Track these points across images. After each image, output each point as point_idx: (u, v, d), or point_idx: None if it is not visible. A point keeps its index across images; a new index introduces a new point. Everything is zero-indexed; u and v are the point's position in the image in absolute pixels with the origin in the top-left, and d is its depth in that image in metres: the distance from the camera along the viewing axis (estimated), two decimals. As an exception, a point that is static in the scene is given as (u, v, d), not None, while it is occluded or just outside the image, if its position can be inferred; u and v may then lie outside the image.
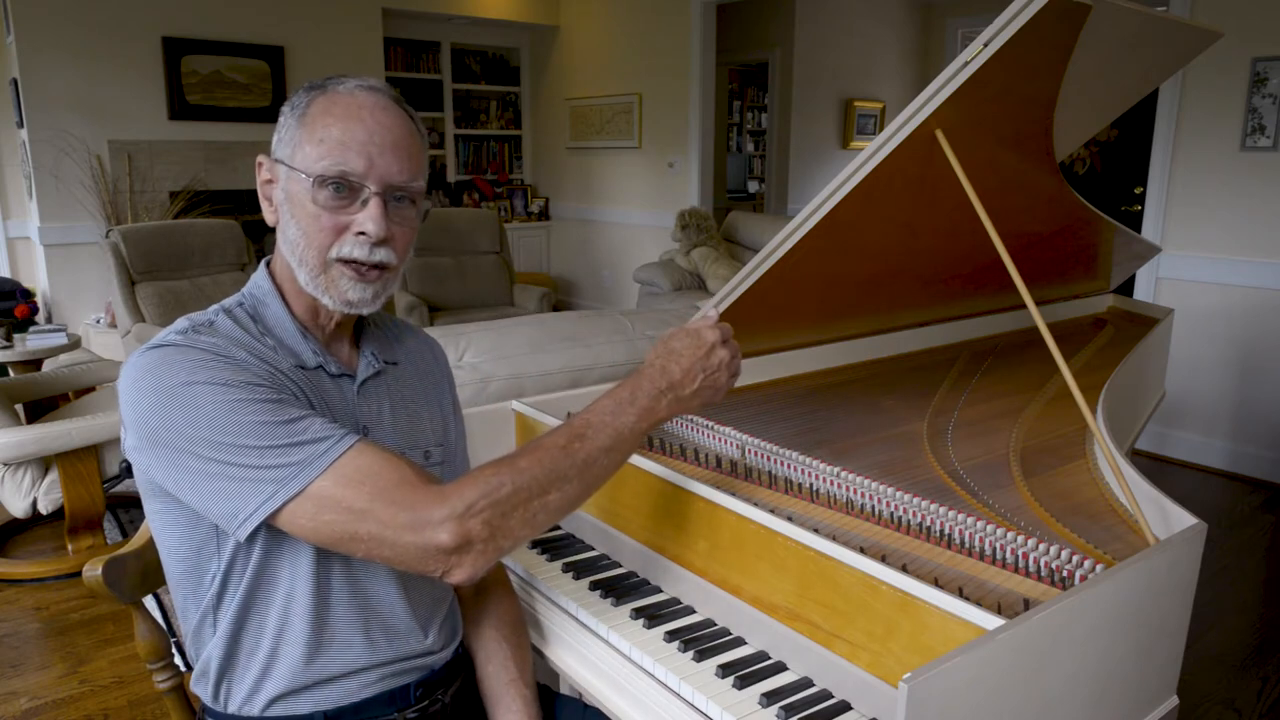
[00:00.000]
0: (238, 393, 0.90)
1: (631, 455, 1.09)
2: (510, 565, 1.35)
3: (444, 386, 1.21)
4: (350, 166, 0.97)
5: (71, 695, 2.26)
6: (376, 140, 0.98)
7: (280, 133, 1.00)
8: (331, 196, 0.97)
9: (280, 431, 0.90)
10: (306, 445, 0.90)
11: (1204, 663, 2.45)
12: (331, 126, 0.97)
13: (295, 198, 0.98)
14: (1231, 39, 3.55)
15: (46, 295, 5.17)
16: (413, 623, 1.08)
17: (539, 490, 0.95)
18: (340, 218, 0.98)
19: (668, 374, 1.06)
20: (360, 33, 6.02)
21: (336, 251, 0.99)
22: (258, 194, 1.04)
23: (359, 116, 0.98)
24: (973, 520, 1.12)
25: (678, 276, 5.46)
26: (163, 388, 0.89)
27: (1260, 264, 3.68)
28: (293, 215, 0.99)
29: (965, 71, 1.28)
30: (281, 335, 1.02)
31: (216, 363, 0.91)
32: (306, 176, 0.97)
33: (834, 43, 6.88)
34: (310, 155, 0.96)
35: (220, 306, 1.02)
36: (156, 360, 0.91)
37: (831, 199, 1.42)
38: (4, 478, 2.80)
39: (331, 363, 1.04)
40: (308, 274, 1.00)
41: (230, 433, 0.88)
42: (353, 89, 0.99)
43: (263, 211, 1.04)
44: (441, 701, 1.12)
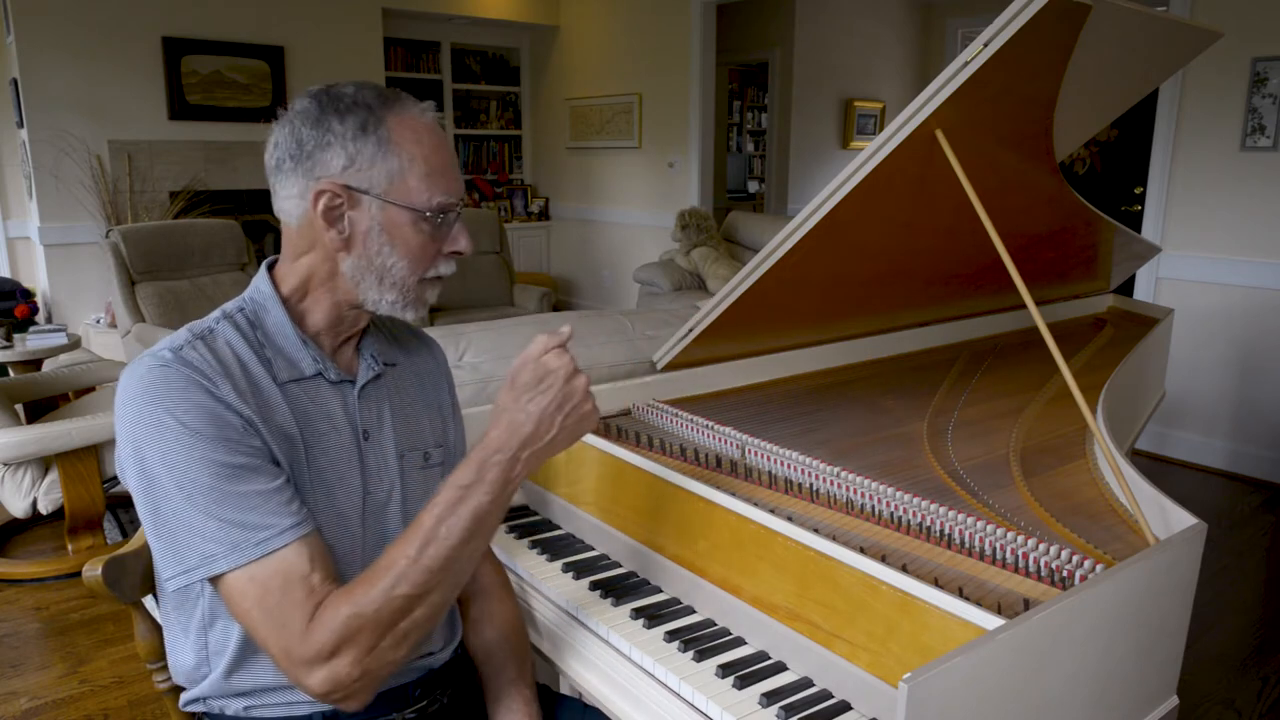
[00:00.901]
0: (202, 448, 0.89)
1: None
2: (510, 565, 1.35)
3: (443, 387, 1.21)
4: (457, 196, 1.01)
5: (71, 695, 2.26)
6: (455, 163, 1.02)
7: (352, 158, 0.96)
8: (438, 226, 1.00)
9: (229, 501, 0.90)
10: (241, 529, 0.90)
11: (1204, 663, 2.45)
12: (431, 157, 0.98)
13: (398, 229, 0.99)
14: (1231, 39, 3.55)
15: (46, 295, 5.17)
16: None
17: (402, 612, 0.91)
18: (439, 241, 1.02)
19: (517, 431, 0.96)
20: (360, 33, 6.02)
21: (433, 271, 1.03)
22: (316, 219, 0.98)
23: (442, 143, 1.00)
24: (973, 520, 1.12)
25: (678, 276, 5.46)
26: (145, 412, 0.90)
27: (1260, 264, 3.68)
28: (391, 244, 0.99)
29: (965, 71, 1.28)
30: (280, 343, 1.01)
31: (195, 397, 0.91)
32: (420, 210, 0.98)
33: (834, 43, 6.87)
34: (418, 188, 0.98)
35: (223, 312, 1.02)
36: (146, 381, 0.91)
37: (831, 199, 1.42)
38: (4, 478, 2.80)
39: (331, 369, 1.04)
40: (398, 294, 1.01)
41: (187, 483, 0.89)
42: (423, 112, 1.01)
43: (321, 238, 0.99)
44: (441, 702, 1.12)
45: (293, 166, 0.98)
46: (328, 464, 1.01)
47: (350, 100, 0.97)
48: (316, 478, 1.00)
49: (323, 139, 0.96)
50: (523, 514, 1.52)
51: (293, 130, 0.98)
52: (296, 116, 0.98)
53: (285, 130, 0.98)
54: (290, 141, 0.98)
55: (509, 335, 1.98)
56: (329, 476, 1.01)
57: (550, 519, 1.50)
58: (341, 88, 0.99)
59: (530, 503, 1.55)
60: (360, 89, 0.99)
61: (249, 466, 0.92)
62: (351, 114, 0.97)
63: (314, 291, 1.03)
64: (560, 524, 1.47)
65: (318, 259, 1.01)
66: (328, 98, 0.98)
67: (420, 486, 1.11)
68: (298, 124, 0.98)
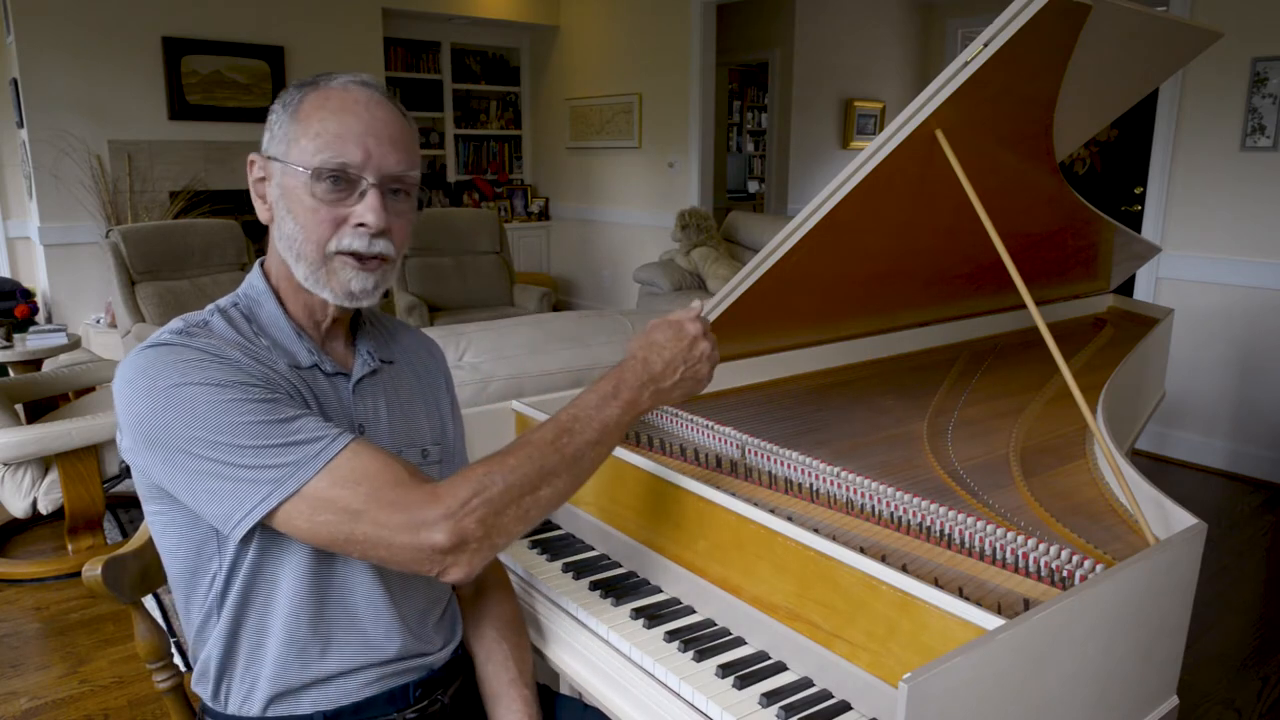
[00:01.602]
0: (232, 392, 0.90)
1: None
2: (510, 565, 1.35)
3: (441, 385, 1.20)
4: (348, 158, 0.97)
5: (71, 695, 2.26)
6: (373, 132, 0.98)
7: (272, 130, 1.00)
8: (330, 189, 0.97)
9: (275, 431, 0.90)
10: (302, 445, 0.90)
11: (1204, 663, 2.45)
12: (327, 120, 0.97)
13: (292, 192, 0.98)
14: (1231, 39, 3.55)
15: (46, 295, 5.17)
16: (412, 622, 1.08)
17: (530, 486, 0.95)
18: (339, 210, 0.98)
19: (649, 367, 1.07)
20: (360, 33, 6.02)
21: (336, 244, 0.99)
22: (250, 193, 1.04)
23: (354, 110, 0.98)
24: (973, 520, 1.12)
25: (678, 276, 5.46)
26: (157, 388, 0.89)
27: (1260, 264, 3.68)
28: (289, 210, 0.99)
29: (965, 71, 1.28)
30: (276, 335, 1.02)
31: (210, 363, 0.92)
32: (304, 170, 0.97)
33: (834, 43, 6.88)
34: (307, 149, 0.97)
35: (215, 306, 1.02)
36: (150, 360, 0.91)
37: (831, 199, 1.42)
38: (4, 478, 2.80)
39: (327, 362, 1.04)
40: (307, 268, 1.00)
41: (225, 432, 0.88)
42: (345, 84, 1.00)
43: (256, 211, 1.03)
44: (441, 701, 1.12)
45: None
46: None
47: (295, 85, 1.01)
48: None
49: (268, 120, 1.02)
50: (523, 514, 1.52)
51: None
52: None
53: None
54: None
55: (509, 335, 1.98)
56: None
57: (550, 519, 1.50)
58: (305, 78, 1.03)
59: (530, 503, 1.55)
60: (316, 75, 1.01)
61: (282, 400, 0.93)
62: (287, 93, 1.01)
63: (285, 278, 1.04)
64: (560, 524, 1.47)
65: (273, 238, 1.03)
66: (288, 89, 1.02)
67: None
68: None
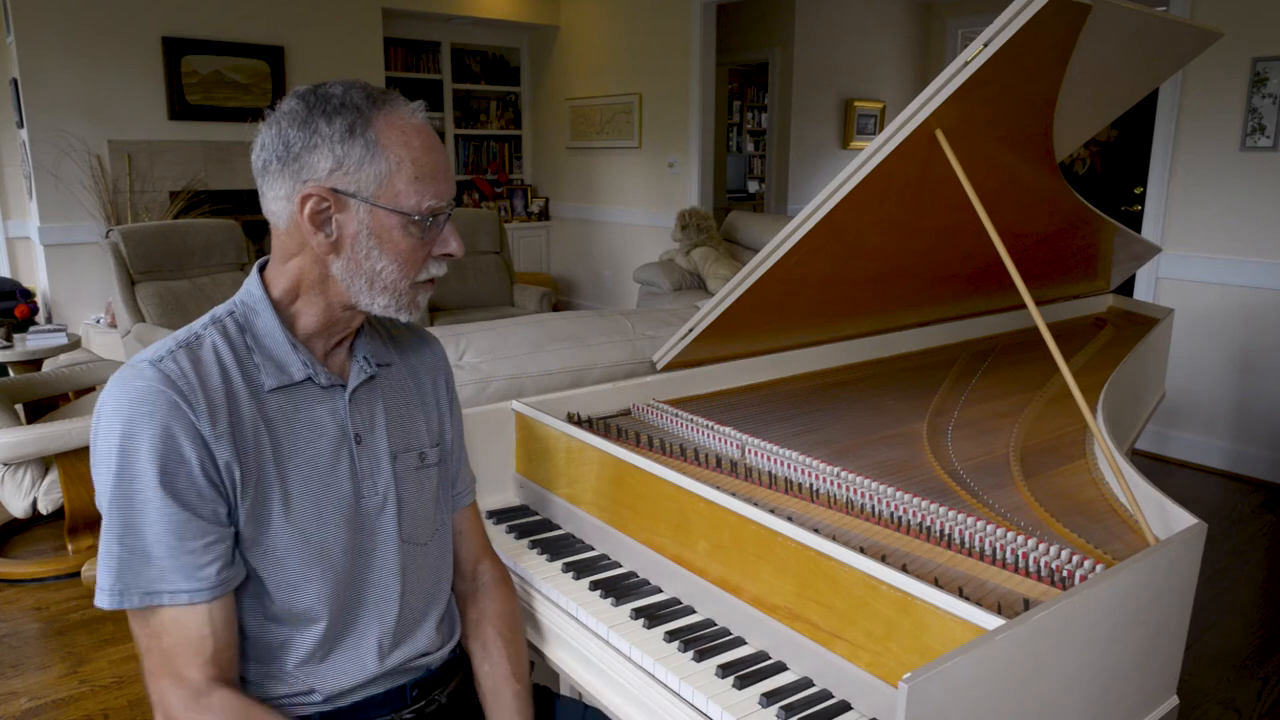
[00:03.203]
0: (157, 486, 0.90)
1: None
2: (510, 565, 1.35)
3: (441, 384, 1.20)
4: (448, 199, 1.00)
5: (71, 695, 2.26)
6: (445, 164, 1.01)
7: (336, 161, 0.95)
8: (429, 228, 0.99)
9: (174, 541, 0.91)
10: (166, 576, 0.91)
11: (1204, 663, 2.45)
12: (421, 160, 0.97)
13: (387, 232, 0.97)
14: (1231, 39, 3.55)
15: (46, 295, 5.17)
16: (410, 625, 1.09)
17: None
18: (429, 244, 1.01)
19: None
20: (360, 33, 6.02)
21: (425, 274, 1.02)
22: (303, 223, 0.96)
23: (432, 144, 0.99)
24: (973, 520, 1.12)
25: (678, 276, 5.46)
26: (112, 427, 0.91)
27: (1260, 264, 3.68)
28: (379, 248, 0.98)
29: (965, 71, 1.28)
30: (270, 347, 1.00)
31: (163, 421, 0.91)
32: (409, 214, 0.97)
33: (834, 43, 6.87)
34: (407, 192, 0.96)
35: (211, 317, 1.01)
36: (122, 390, 0.92)
37: (831, 199, 1.42)
38: (4, 478, 2.80)
39: (321, 373, 1.02)
40: (391, 298, 1.00)
41: (132, 514, 0.91)
42: (411, 113, 0.99)
43: (311, 241, 0.98)
44: (438, 702, 1.12)
45: (280, 168, 0.96)
46: (312, 472, 1.00)
47: (339, 101, 0.95)
48: (300, 487, 0.99)
49: (310, 141, 0.95)
50: (523, 514, 1.52)
51: (279, 131, 0.96)
52: (284, 117, 0.96)
53: (272, 131, 0.97)
54: (277, 143, 0.96)
55: (509, 335, 1.97)
56: (313, 484, 1.00)
57: (550, 519, 1.50)
58: (330, 88, 0.97)
59: (530, 503, 1.55)
60: (349, 89, 0.97)
61: (181, 517, 0.91)
62: (339, 115, 0.95)
63: (306, 294, 1.01)
64: (560, 524, 1.47)
65: (307, 261, 1.00)
66: (315, 98, 0.96)
67: (416, 487, 1.11)
68: (284, 125, 0.96)
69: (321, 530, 1.00)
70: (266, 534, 0.97)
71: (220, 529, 0.94)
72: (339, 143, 0.95)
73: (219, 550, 0.94)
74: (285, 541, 0.98)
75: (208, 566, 0.93)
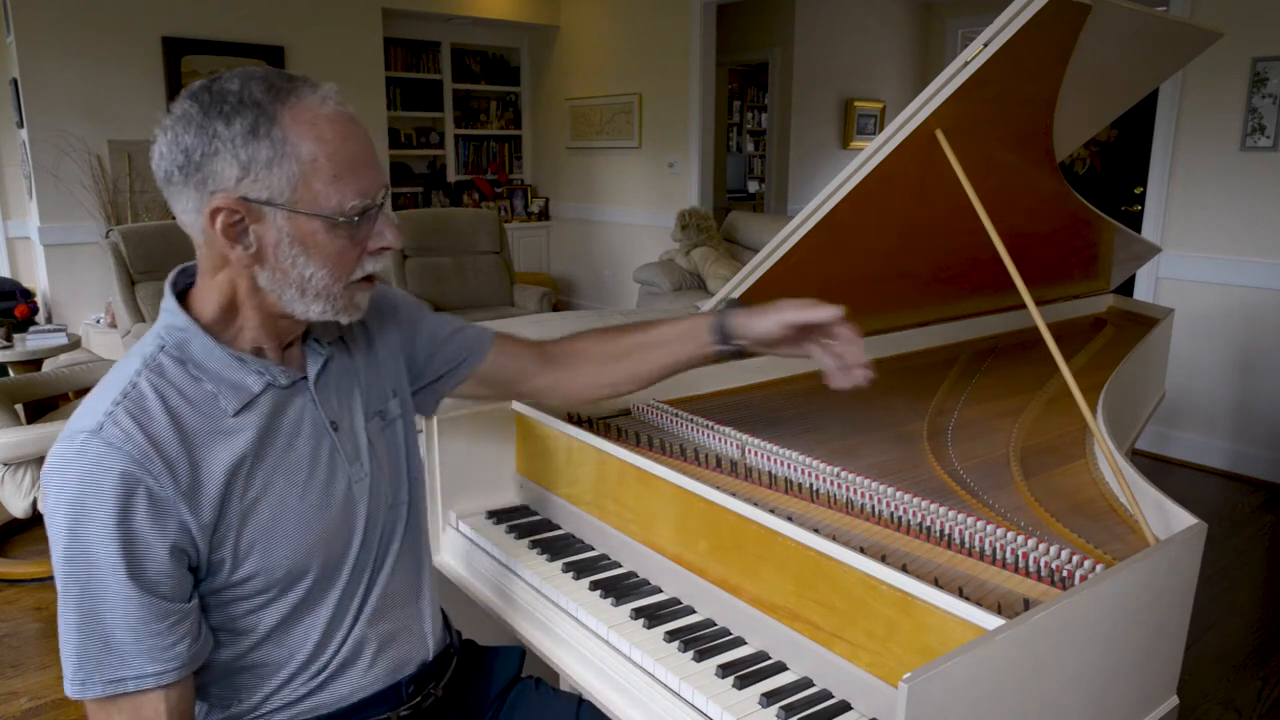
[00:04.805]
0: (118, 571, 0.84)
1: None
2: (510, 565, 1.35)
3: (390, 324, 1.14)
4: (373, 194, 0.92)
5: (71, 695, 2.26)
6: (367, 154, 0.92)
7: (242, 167, 0.86)
8: (357, 227, 0.92)
9: (138, 626, 0.86)
10: (126, 661, 0.86)
11: (1204, 663, 2.45)
12: (337, 155, 0.88)
13: (310, 237, 0.90)
14: (1231, 39, 3.55)
15: (46, 295, 5.17)
16: (403, 627, 1.09)
17: None
18: (361, 242, 0.94)
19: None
20: (360, 33, 6.02)
21: (359, 272, 0.95)
22: (217, 238, 0.89)
23: (349, 134, 0.90)
24: (973, 520, 1.12)
25: (678, 276, 5.46)
26: (61, 519, 0.84)
27: (1260, 264, 3.68)
28: (305, 255, 0.90)
29: (965, 71, 1.28)
30: (217, 368, 0.93)
31: (123, 498, 0.84)
32: (331, 217, 0.89)
33: (834, 43, 6.87)
34: (326, 193, 0.88)
35: (143, 360, 0.91)
36: (64, 463, 0.85)
37: (831, 199, 1.42)
38: (4, 478, 2.80)
39: (281, 374, 0.97)
40: (325, 303, 0.93)
41: (91, 601, 0.85)
42: (321, 100, 0.89)
43: (228, 256, 0.90)
44: (434, 695, 1.12)
45: (183, 179, 0.88)
46: (298, 476, 0.97)
47: (236, 98, 0.86)
48: (288, 496, 0.96)
49: (209, 147, 0.86)
50: (523, 514, 1.52)
51: (175, 138, 0.87)
52: (177, 122, 0.87)
53: (168, 138, 0.87)
54: (175, 151, 0.87)
55: (509, 335, 1.98)
56: (297, 479, 0.97)
57: (550, 519, 1.50)
58: (226, 82, 0.87)
59: (530, 503, 1.55)
60: (247, 82, 0.87)
61: (143, 602, 0.85)
62: (239, 115, 0.85)
63: (242, 308, 0.94)
64: (560, 524, 1.47)
65: (235, 274, 0.92)
66: (210, 97, 0.86)
67: (384, 447, 1.08)
68: (179, 131, 0.86)
69: (304, 515, 0.97)
70: (261, 557, 0.94)
71: (185, 606, 0.89)
72: (242, 146, 0.86)
73: (185, 628, 0.89)
74: (282, 556, 0.95)
75: (176, 645, 0.88)
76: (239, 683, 0.99)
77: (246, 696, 0.99)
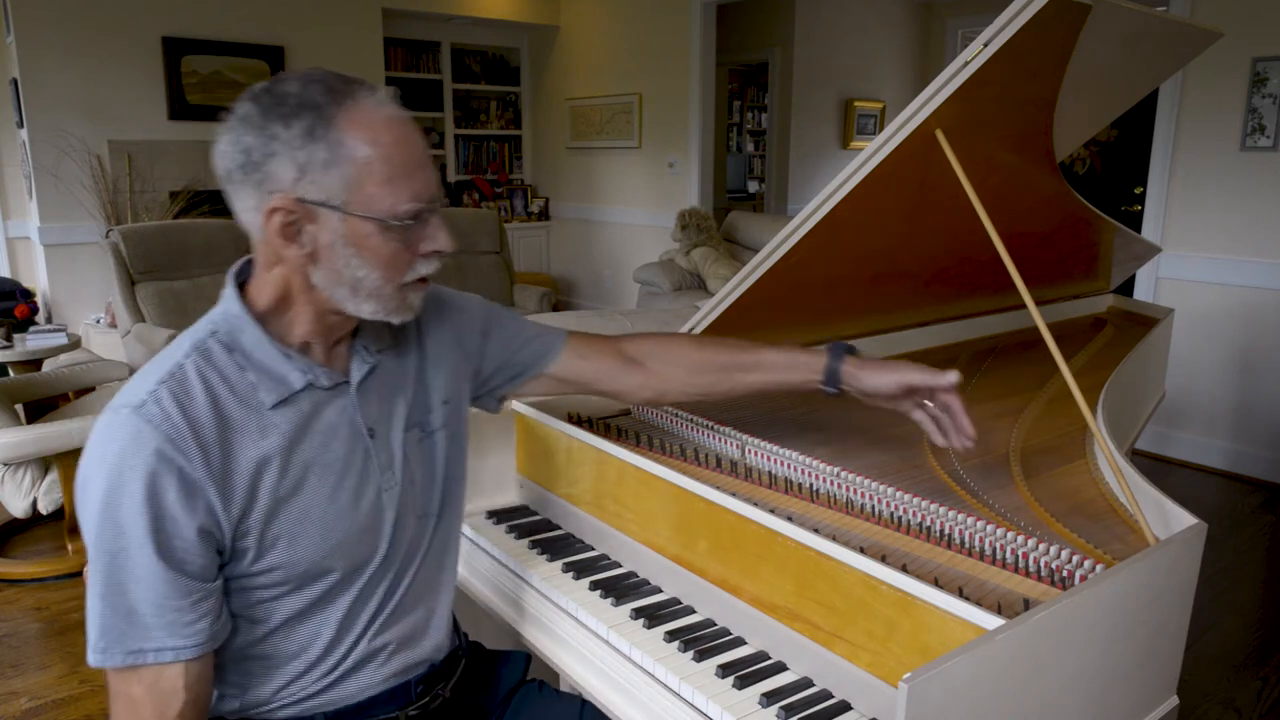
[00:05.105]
0: (146, 545, 0.86)
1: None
2: (510, 566, 1.35)
3: (447, 338, 1.15)
4: (427, 197, 0.94)
5: (71, 695, 2.26)
6: (421, 157, 0.94)
7: (299, 169, 0.89)
8: (410, 229, 0.94)
9: (161, 600, 0.88)
10: (149, 633, 0.88)
11: (1204, 663, 2.45)
12: (392, 158, 0.90)
13: (363, 240, 0.92)
14: (1231, 39, 3.55)
15: (46, 295, 5.17)
16: (418, 630, 1.09)
17: None
18: (413, 245, 0.96)
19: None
20: (360, 33, 6.02)
21: (412, 275, 0.97)
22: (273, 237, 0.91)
23: (404, 138, 0.92)
24: (973, 520, 1.12)
25: (678, 276, 5.46)
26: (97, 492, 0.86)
27: (1260, 264, 3.68)
28: (359, 257, 0.92)
29: (965, 71, 1.28)
30: (263, 360, 0.95)
31: (157, 475, 0.86)
32: (384, 220, 0.91)
33: (834, 43, 6.87)
34: (380, 195, 0.90)
35: (193, 343, 0.94)
36: (106, 438, 0.88)
37: (831, 199, 1.42)
38: (4, 478, 2.80)
39: (323, 375, 0.98)
40: (378, 304, 0.96)
41: (118, 573, 0.87)
42: (378, 104, 0.91)
43: (283, 254, 0.93)
44: (442, 696, 1.12)
45: (243, 178, 0.90)
46: (329, 476, 0.98)
47: (295, 100, 0.88)
48: (319, 496, 0.97)
49: (268, 148, 0.88)
50: (523, 514, 1.52)
51: (236, 138, 0.90)
52: (239, 123, 0.90)
53: (229, 138, 0.90)
54: (235, 151, 0.90)
55: (509, 335, 1.97)
56: (328, 481, 0.98)
57: (550, 519, 1.50)
58: (285, 84, 0.90)
59: (530, 503, 1.55)
60: (306, 84, 0.89)
61: (168, 577, 0.87)
62: (297, 117, 0.88)
63: (295, 303, 0.97)
64: (560, 524, 1.47)
65: (289, 271, 0.95)
66: (270, 99, 0.89)
67: (420, 457, 1.08)
68: (240, 131, 0.89)
69: (344, 531, 0.99)
70: (285, 552, 0.95)
71: (209, 585, 0.91)
72: (299, 148, 0.88)
73: (208, 606, 0.91)
74: (304, 554, 0.96)
75: (198, 623, 0.90)
76: (249, 671, 1.00)
77: (257, 687, 1.00)
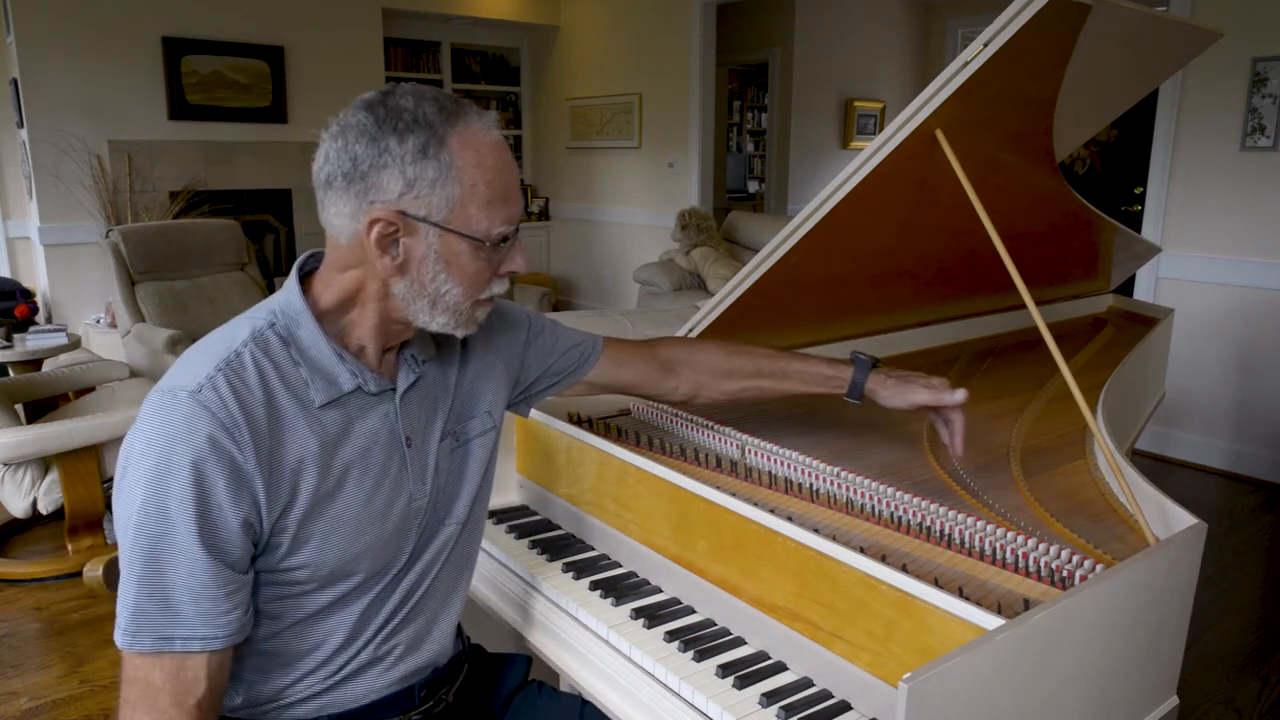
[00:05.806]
0: (190, 532, 0.86)
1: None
2: (510, 565, 1.35)
3: (494, 356, 1.16)
4: (516, 221, 0.97)
5: (71, 695, 2.26)
6: (517, 183, 0.98)
7: (407, 183, 0.90)
8: (496, 251, 0.97)
9: (198, 588, 0.87)
10: (180, 621, 0.88)
11: (1204, 663, 2.45)
12: (494, 182, 0.93)
13: (455, 257, 0.94)
14: (1231, 39, 3.55)
15: (46, 295, 5.17)
16: (426, 635, 1.09)
17: None
18: (496, 265, 0.98)
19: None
20: (360, 33, 6.02)
21: (487, 293, 1.00)
22: (369, 245, 0.92)
23: (506, 163, 0.95)
24: (973, 520, 1.12)
25: (678, 276, 5.46)
26: (145, 472, 0.86)
27: (1260, 264, 3.68)
28: (446, 272, 0.95)
29: (965, 71, 1.28)
30: (316, 358, 0.96)
31: (207, 461, 0.86)
32: (479, 240, 0.94)
33: (834, 43, 6.87)
34: (479, 216, 0.93)
35: (252, 332, 0.95)
36: (157, 418, 0.87)
37: (831, 199, 1.42)
38: (4, 478, 2.80)
39: (371, 380, 0.99)
40: (451, 317, 0.98)
41: (158, 557, 0.87)
42: (486, 129, 0.94)
43: (374, 260, 0.94)
44: (445, 701, 1.12)
45: (345, 185, 0.91)
46: (365, 480, 0.99)
47: (411, 117, 0.90)
48: (354, 499, 0.97)
49: (379, 160, 0.90)
50: (523, 514, 1.52)
51: (346, 146, 0.91)
52: (351, 131, 0.91)
53: (338, 144, 0.91)
54: (343, 158, 0.91)
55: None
56: (365, 485, 0.99)
57: (550, 519, 1.50)
58: (400, 99, 0.92)
59: (530, 503, 1.55)
60: (421, 102, 0.91)
61: (208, 566, 0.87)
62: (412, 133, 0.90)
63: (361, 306, 0.98)
64: (560, 524, 1.47)
65: (366, 276, 0.96)
66: (386, 112, 0.91)
67: (450, 466, 1.09)
68: (352, 139, 0.90)
69: (373, 536, 0.99)
70: (316, 551, 0.96)
71: (244, 576, 0.91)
72: (411, 164, 0.90)
73: (240, 598, 0.91)
74: (333, 555, 0.97)
75: (230, 614, 0.90)
76: (258, 666, 1.00)
77: (264, 683, 1.00)
